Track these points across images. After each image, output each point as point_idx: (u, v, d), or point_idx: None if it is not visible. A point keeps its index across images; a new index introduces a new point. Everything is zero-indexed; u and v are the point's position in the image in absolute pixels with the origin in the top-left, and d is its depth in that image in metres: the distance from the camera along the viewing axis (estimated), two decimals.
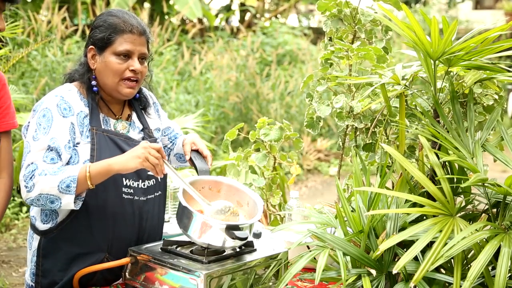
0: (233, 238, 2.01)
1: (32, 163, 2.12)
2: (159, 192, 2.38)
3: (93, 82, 2.29)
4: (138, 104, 2.45)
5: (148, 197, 2.32)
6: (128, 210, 2.26)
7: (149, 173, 2.31)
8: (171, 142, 2.59)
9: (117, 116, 2.35)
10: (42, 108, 2.21)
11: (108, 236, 2.25)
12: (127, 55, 2.25)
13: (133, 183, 2.27)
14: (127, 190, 2.25)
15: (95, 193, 2.19)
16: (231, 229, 2.02)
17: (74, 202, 2.11)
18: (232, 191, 2.27)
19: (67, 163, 2.18)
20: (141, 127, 2.41)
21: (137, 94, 2.42)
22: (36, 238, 2.28)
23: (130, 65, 2.25)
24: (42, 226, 2.26)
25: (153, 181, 2.33)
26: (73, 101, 2.24)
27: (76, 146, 2.21)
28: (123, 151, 2.24)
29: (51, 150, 2.14)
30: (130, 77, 2.26)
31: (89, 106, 2.27)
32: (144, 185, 2.30)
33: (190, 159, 2.38)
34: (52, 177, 2.08)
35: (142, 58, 2.29)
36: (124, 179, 2.24)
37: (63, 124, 2.19)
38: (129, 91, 2.29)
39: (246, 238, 2.03)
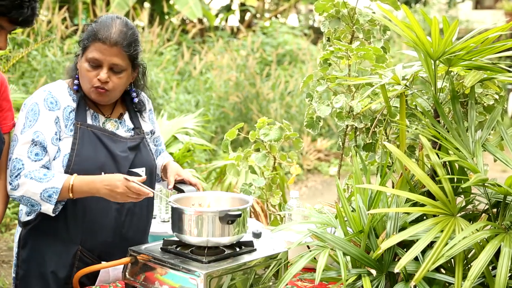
0: (227, 222, 2.02)
1: (16, 158, 2.20)
2: None
3: (76, 82, 2.33)
4: (134, 106, 2.46)
5: None
6: (103, 204, 2.27)
7: (131, 169, 2.33)
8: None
9: (106, 115, 2.38)
10: (30, 103, 2.28)
11: (82, 228, 2.28)
12: (97, 64, 2.25)
13: None
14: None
15: None
16: (223, 214, 2.03)
17: (54, 210, 2.19)
18: (221, 202, 2.26)
19: (53, 158, 2.24)
20: (131, 126, 2.42)
21: (135, 99, 2.44)
22: (19, 230, 2.35)
23: (98, 74, 2.26)
24: (25, 218, 2.33)
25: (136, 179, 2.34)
26: (61, 96, 2.29)
27: (60, 140, 2.26)
28: (106, 147, 2.29)
29: (35, 144, 2.21)
30: (97, 86, 2.26)
31: (77, 102, 2.31)
32: None
33: (175, 188, 2.38)
34: (36, 183, 2.16)
35: (114, 69, 2.27)
36: (103, 173, 2.26)
37: (49, 117, 2.24)
38: (98, 98, 2.30)
39: (240, 216, 2.03)
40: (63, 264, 2.28)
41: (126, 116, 2.43)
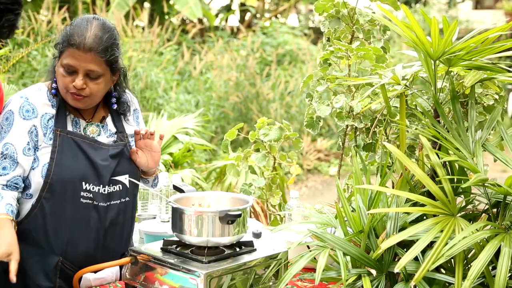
0: (227, 222, 2.02)
1: None
2: (127, 199, 2.33)
3: (54, 85, 2.25)
4: (117, 108, 2.37)
5: (112, 203, 2.27)
6: (85, 214, 2.22)
7: (113, 177, 2.27)
8: None
9: (87, 119, 2.30)
10: (6, 110, 2.21)
11: (62, 239, 2.21)
12: (72, 70, 2.17)
13: (93, 188, 2.22)
14: (86, 194, 2.22)
15: (51, 195, 2.18)
16: (223, 214, 2.03)
17: None
18: (221, 202, 2.26)
19: (32, 168, 2.19)
20: (114, 130, 2.35)
21: (114, 105, 2.35)
22: None
23: (73, 80, 2.17)
24: None
25: (119, 187, 2.29)
26: (39, 103, 2.22)
27: (38, 150, 2.20)
28: (86, 155, 2.22)
29: (5, 157, 2.17)
30: (73, 93, 2.18)
31: (56, 107, 2.24)
32: (105, 190, 2.25)
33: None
34: None
35: (90, 75, 2.18)
36: (83, 183, 2.21)
37: (23, 127, 2.18)
38: (75, 103, 2.21)
39: (240, 216, 2.03)
40: (46, 275, 2.22)
41: (109, 120, 2.35)
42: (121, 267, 2.26)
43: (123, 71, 2.33)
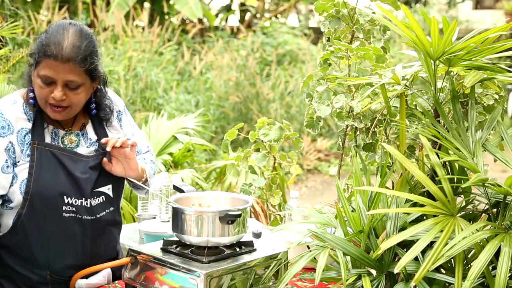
0: (227, 222, 2.02)
1: None
2: (111, 209, 2.27)
3: (31, 94, 2.16)
4: (98, 114, 2.29)
5: (98, 216, 2.22)
6: (69, 229, 2.17)
7: (96, 189, 2.21)
8: None
9: (66, 128, 2.23)
10: None
11: (47, 255, 2.17)
12: (50, 81, 2.07)
13: (75, 201, 2.16)
14: (68, 208, 2.15)
15: (32, 211, 2.12)
16: (223, 214, 2.03)
17: None
18: (221, 202, 2.26)
19: (11, 185, 2.13)
20: (95, 138, 2.28)
21: (94, 110, 2.27)
22: None
23: (52, 91, 2.07)
24: None
25: (102, 198, 2.23)
26: (14, 117, 2.13)
27: (16, 166, 2.13)
28: (65, 168, 2.15)
29: None
30: (52, 104, 2.10)
31: (33, 119, 2.15)
32: (87, 203, 2.18)
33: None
34: None
35: (70, 86, 2.09)
36: (65, 197, 2.14)
37: None
38: (55, 115, 2.13)
39: (240, 216, 2.02)
40: (36, 286, 2.19)
41: (89, 127, 2.27)
42: (115, 269, 2.27)
43: (103, 78, 2.24)
